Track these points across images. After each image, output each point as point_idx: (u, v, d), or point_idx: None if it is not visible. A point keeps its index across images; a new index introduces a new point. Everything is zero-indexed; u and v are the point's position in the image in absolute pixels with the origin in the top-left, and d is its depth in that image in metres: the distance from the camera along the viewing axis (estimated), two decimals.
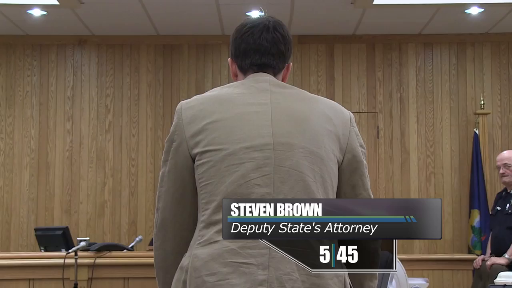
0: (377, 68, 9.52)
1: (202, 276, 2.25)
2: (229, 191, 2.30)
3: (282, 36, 2.56)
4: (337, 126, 2.48)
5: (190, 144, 2.38)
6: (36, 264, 6.54)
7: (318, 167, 2.37)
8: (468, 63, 9.49)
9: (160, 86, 9.61)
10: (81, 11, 8.57)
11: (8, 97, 9.54)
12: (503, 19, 8.74)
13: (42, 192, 9.46)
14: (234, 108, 2.42)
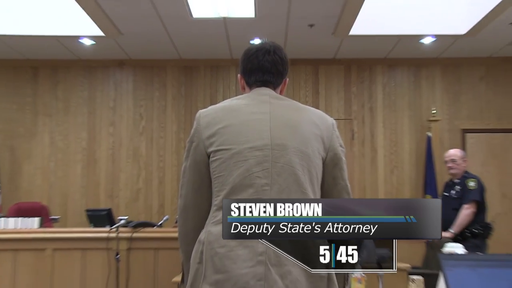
0: (352, 84, 9.67)
1: (215, 248, 2.37)
2: (236, 182, 2.43)
3: (280, 58, 2.70)
4: (322, 130, 2.58)
5: (206, 144, 2.52)
6: (87, 237, 6.69)
7: (306, 163, 2.48)
8: (422, 80, 9.65)
9: (182, 98, 9.74)
10: (121, 40, 8.72)
11: (65, 108, 9.69)
12: (449, 47, 8.90)
13: (90, 182, 9.63)
14: (241, 116, 2.55)
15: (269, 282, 2.32)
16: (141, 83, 9.87)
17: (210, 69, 9.83)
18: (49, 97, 9.86)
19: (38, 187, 9.73)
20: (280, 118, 2.56)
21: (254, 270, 2.33)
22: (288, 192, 2.44)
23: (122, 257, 6.51)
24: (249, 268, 2.33)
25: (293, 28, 8.34)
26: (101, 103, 9.83)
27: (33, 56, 9.68)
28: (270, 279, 2.32)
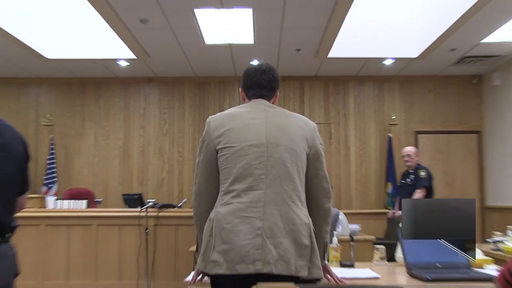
0: (330, 96, 9.65)
1: (222, 224, 2.38)
2: (239, 172, 2.44)
3: (274, 77, 2.73)
4: (306, 132, 2.60)
5: (215, 143, 2.53)
6: (123, 216, 6.76)
7: (294, 157, 2.50)
8: (384, 93, 9.64)
9: (196, 107, 9.70)
10: (149, 61, 8.73)
11: (105, 114, 9.71)
12: (405, 67, 8.92)
13: (125, 172, 9.63)
14: (242, 121, 2.56)
15: (265, 251, 2.33)
16: (165, 95, 9.83)
17: (218, 84, 9.80)
18: (94, 107, 9.84)
19: (85, 176, 9.71)
20: (273, 122, 2.58)
21: (253, 241, 2.34)
22: (279, 180, 2.46)
23: (150, 231, 6.55)
24: (249, 240, 2.34)
25: (284, 52, 8.33)
26: (133, 111, 9.82)
27: (82, 75, 9.66)
28: (266, 248, 2.33)
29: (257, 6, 6.53)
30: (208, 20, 6.98)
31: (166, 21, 6.97)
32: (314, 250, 2.47)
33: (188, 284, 2.77)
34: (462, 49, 7.97)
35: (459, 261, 3.22)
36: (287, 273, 2.34)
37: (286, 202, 2.45)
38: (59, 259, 6.63)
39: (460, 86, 9.59)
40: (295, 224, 2.42)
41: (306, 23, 7.04)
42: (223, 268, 2.35)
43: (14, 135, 2.32)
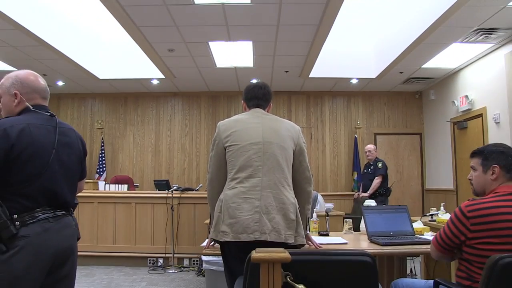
0: (311, 106, 9.61)
1: (229, 203, 2.41)
2: (242, 164, 2.46)
3: (268, 92, 2.75)
4: (293, 133, 2.61)
5: (223, 142, 2.54)
6: (154, 196, 6.71)
7: (284, 152, 2.52)
8: (351, 104, 9.61)
9: (210, 115, 9.66)
10: (175, 80, 8.71)
11: (141, 120, 9.68)
12: (366, 85, 8.90)
13: (157, 164, 9.58)
14: (244, 125, 2.57)
15: (262, 224, 2.35)
16: (186, 106, 9.79)
17: (227, 97, 9.76)
18: (133, 114, 9.80)
19: (126, 166, 9.67)
20: (267, 126, 2.59)
21: (253, 217, 2.36)
22: (272, 170, 2.47)
23: (175, 208, 6.52)
24: (250, 215, 2.37)
25: (276, 73, 8.31)
26: (162, 118, 9.77)
27: (124, 90, 9.64)
28: (262, 222, 2.36)
29: (256, 40, 6.57)
30: (219, 49, 7.00)
31: (187, 51, 6.96)
32: (299, 223, 2.49)
33: (204, 248, 2.78)
34: (408, 72, 7.99)
35: (406, 229, 3.25)
36: (278, 240, 2.37)
37: (278, 187, 2.46)
38: (108, 228, 6.63)
39: (407, 100, 9.58)
40: (284, 204, 2.44)
41: (293, 52, 7.05)
42: (230, 237, 2.37)
43: (76, 136, 2.33)
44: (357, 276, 1.74)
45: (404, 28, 6.44)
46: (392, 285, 2.60)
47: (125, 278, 5.73)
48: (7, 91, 2.17)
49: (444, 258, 2.34)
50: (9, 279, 1.89)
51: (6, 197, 1.95)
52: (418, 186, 9.33)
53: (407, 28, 6.32)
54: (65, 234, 2.13)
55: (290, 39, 6.49)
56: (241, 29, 6.15)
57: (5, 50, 6.84)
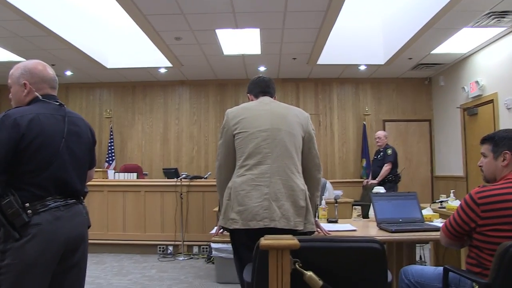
0: (319, 93, 9.56)
1: (238, 191, 2.40)
2: (251, 151, 2.45)
3: (272, 82, 2.76)
4: (301, 120, 2.59)
5: (232, 129, 2.52)
6: (163, 184, 6.73)
7: (292, 139, 2.50)
8: (360, 91, 9.55)
9: (218, 103, 9.65)
10: (182, 69, 8.70)
11: (150, 109, 9.70)
12: (375, 71, 8.83)
13: (165, 152, 9.61)
14: (253, 112, 2.57)
15: (271, 210, 2.35)
16: (194, 94, 9.79)
17: (234, 85, 9.73)
18: (141, 103, 9.82)
19: (135, 155, 9.71)
20: (276, 113, 2.58)
21: (262, 204, 2.36)
22: (281, 157, 2.45)
23: (184, 196, 6.54)
24: (259, 202, 2.36)
25: (283, 60, 8.27)
26: (171, 106, 9.79)
27: (132, 79, 9.64)
28: (271, 209, 2.35)
29: (263, 27, 6.53)
30: (226, 37, 6.97)
31: (194, 39, 6.94)
32: (309, 210, 2.48)
33: (213, 235, 2.79)
34: (417, 58, 7.92)
35: (416, 216, 3.24)
36: (287, 227, 2.36)
37: (287, 173, 2.45)
38: (118, 216, 6.67)
39: (416, 86, 9.51)
40: (294, 190, 2.43)
41: (300, 38, 7.00)
42: (239, 224, 2.37)
43: (85, 125, 2.35)
44: (366, 263, 1.74)
45: (413, 13, 6.37)
46: (402, 272, 2.61)
47: (135, 266, 5.79)
48: (16, 81, 2.19)
49: (453, 245, 2.34)
50: (23, 265, 1.92)
51: (18, 186, 1.98)
52: (427, 173, 9.29)
53: (416, 13, 6.25)
54: (76, 222, 2.16)
55: (297, 26, 6.44)
56: (248, 16, 6.11)
57: (13, 40, 6.86)
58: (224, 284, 4.89)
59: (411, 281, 2.50)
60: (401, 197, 3.43)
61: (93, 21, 7.36)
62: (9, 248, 1.93)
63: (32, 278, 1.94)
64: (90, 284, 4.83)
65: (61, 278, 2.10)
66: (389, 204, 3.30)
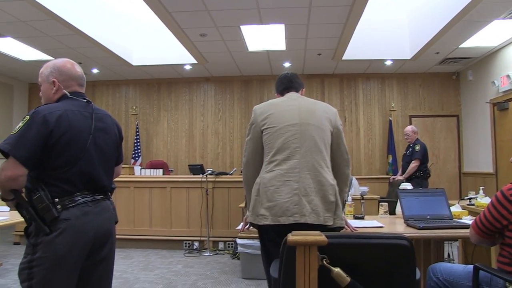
0: (344, 89, 9.49)
1: (267, 186, 2.39)
2: (279, 146, 2.44)
3: (298, 77, 2.76)
4: (329, 115, 2.58)
5: (260, 125, 2.52)
6: (189, 181, 6.77)
7: (321, 134, 2.48)
8: (385, 86, 9.44)
9: (243, 99, 9.67)
10: (207, 65, 8.74)
11: (175, 106, 9.77)
12: (401, 66, 8.72)
13: (191, 148, 9.67)
14: (280, 107, 2.55)
15: (301, 206, 2.33)
16: (219, 90, 9.82)
17: (259, 81, 9.73)
18: (166, 100, 9.90)
19: (161, 151, 9.80)
20: (304, 108, 2.56)
21: (292, 199, 2.34)
22: (310, 152, 2.44)
23: (210, 192, 6.57)
24: (289, 198, 2.35)
25: (308, 56, 8.24)
26: (196, 102, 9.84)
27: (157, 76, 9.73)
28: (302, 204, 2.34)
29: (288, 23, 6.50)
30: (251, 33, 6.96)
31: (219, 35, 6.96)
32: (338, 205, 2.46)
33: (239, 231, 2.80)
34: (444, 53, 7.78)
35: (444, 213, 3.20)
36: (317, 222, 2.35)
37: (316, 168, 2.43)
38: (144, 212, 6.75)
39: (443, 81, 9.35)
40: (323, 185, 2.41)
41: (325, 34, 6.95)
42: (269, 220, 2.36)
43: (111, 122, 2.37)
44: (394, 259, 1.72)
45: (441, 6, 6.24)
46: (430, 270, 2.57)
47: (161, 261, 5.86)
48: (46, 79, 2.23)
49: (484, 243, 2.29)
50: (53, 259, 1.96)
51: (47, 182, 2.02)
52: (455, 170, 9.14)
53: (444, 5, 6.12)
54: (104, 218, 2.19)
55: (322, 21, 6.40)
56: (272, 12, 6.09)
57: (42, 40, 7.00)
58: (250, 280, 4.90)
59: (440, 279, 2.46)
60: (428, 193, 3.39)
61: (118, 19, 7.45)
62: (40, 242, 1.97)
63: (62, 271, 1.98)
64: (118, 279, 4.91)
65: (89, 273, 2.14)
66: (417, 200, 3.26)
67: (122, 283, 4.78)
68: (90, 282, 2.15)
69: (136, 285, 4.72)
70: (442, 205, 3.24)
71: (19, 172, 1.94)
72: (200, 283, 4.82)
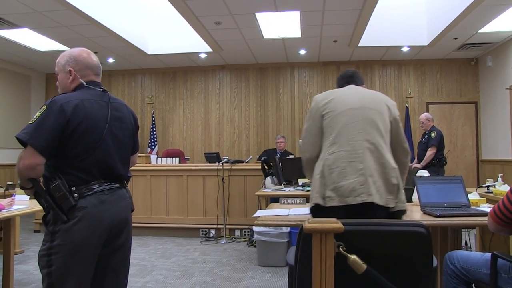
0: None
1: (332, 168, 2.40)
2: (340, 129, 2.45)
3: (356, 73, 2.79)
4: (388, 103, 2.59)
5: (321, 110, 2.53)
6: (205, 169, 6.80)
7: (382, 119, 2.49)
8: (402, 73, 9.34)
9: (258, 87, 9.65)
10: (222, 53, 8.76)
11: (190, 94, 9.81)
12: (418, 53, 8.61)
13: (207, 137, 9.73)
14: (341, 93, 2.63)
15: (367, 185, 2.34)
16: (234, 78, 9.82)
17: (274, 69, 9.70)
18: (182, 88, 9.95)
19: (177, 140, 9.87)
20: (364, 94, 2.60)
21: (358, 179, 2.35)
22: (372, 135, 2.45)
23: (226, 180, 6.59)
24: (354, 178, 2.36)
25: (324, 43, 8.18)
26: (211, 91, 9.87)
27: (173, 65, 9.76)
28: (367, 184, 2.35)
29: (303, 10, 6.46)
30: (266, 20, 6.92)
31: (234, 23, 6.94)
32: (400, 188, 2.45)
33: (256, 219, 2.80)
34: (463, 38, 7.66)
35: (461, 201, 3.15)
36: (382, 203, 2.35)
37: (379, 151, 2.44)
38: (161, 200, 6.81)
39: (461, 67, 9.22)
40: (386, 168, 2.41)
41: (341, 21, 6.90)
42: (336, 201, 2.36)
43: (127, 111, 2.38)
44: (411, 247, 1.71)
45: None
46: (447, 258, 2.55)
47: (178, 249, 5.91)
48: (62, 68, 2.24)
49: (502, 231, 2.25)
50: (71, 246, 1.99)
51: (64, 171, 2.04)
52: (473, 157, 9.04)
53: None
54: (120, 206, 2.21)
55: (338, 8, 6.34)
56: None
57: (58, 30, 7.05)
58: (266, 267, 4.92)
59: (457, 266, 2.44)
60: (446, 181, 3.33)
61: (133, 8, 7.47)
62: (58, 230, 2.00)
63: (80, 258, 2.01)
64: (135, 266, 4.97)
65: (107, 260, 2.16)
66: (434, 188, 3.21)
67: (139, 270, 4.84)
68: (107, 269, 2.17)
69: (154, 272, 4.78)
70: (459, 193, 3.19)
71: (37, 161, 1.96)
72: (216, 270, 4.86)
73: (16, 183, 5.27)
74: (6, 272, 3.90)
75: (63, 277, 1.98)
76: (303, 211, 3.04)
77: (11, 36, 7.42)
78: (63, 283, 1.98)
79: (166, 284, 4.37)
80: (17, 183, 2.07)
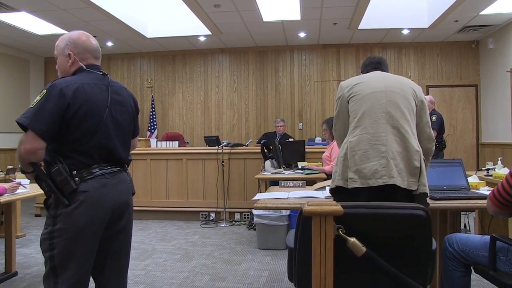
0: (360, 59, 9.24)
1: (355, 150, 2.43)
2: (365, 112, 2.47)
3: (382, 60, 2.79)
4: (414, 87, 2.60)
5: (346, 96, 2.55)
6: (205, 152, 6.77)
7: (406, 102, 2.49)
8: (402, 56, 9.29)
9: (257, 70, 9.61)
10: (222, 36, 8.70)
11: (190, 78, 9.77)
12: (418, 35, 8.57)
13: (206, 120, 9.72)
14: (366, 78, 2.63)
15: (389, 168, 2.36)
16: (234, 61, 9.78)
17: (274, 52, 9.65)
18: (181, 72, 9.91)
19: (176, 123, 9.86)
20: (389, 78, 2.60)
21: (380, 162, 2.38)
22: (396, 117, 2.46)
23: (226, 163, 6.59)
24: (377, 161, 2.39)
25: (324, 26, 8.11)
26: (211, 74, 9.83)
27: (172, 48, 9.71)
28: (390, 166, 2.37)
29: None
30: (265, 3, 6.86)
31: (233, 5, 6.89)
32: (422, 172, 2.45)
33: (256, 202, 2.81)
34: (464, 20, 7.60)
35: (461, 184, 3.17)
36: (403, 186, 2.37)
37: (402, 134, 2.45)
38: (161, 183, 6.82)
39: (462, 50, 9.17)
40: (408, 151, 2.43)
41: (341, 3, 6.84)
42: (358, 183, 2.39)
43: (127, 94, 2.37)
44: (411, 230, 1.72)
45: None
46: (446, 240, 2.56)
47: (178, 232, 5.94)
48: (61, 52, 2.22)
49: (502, 214, 2.27)
50: (73, 230, 2.00)
51: (65, 155, 2.04)
52: (473, 140, 9.04)
53: None
54: (121, 189, 2.22)
55: None
56: None
57: (56, 13, 6.99)
58: (266, 250, 4.95)
59: (456, 249, 2.46)
60: (445, 164, 3.35)
61: None
62: (60, 214, 2.01)
63: (82, 242, 2.03)
64: (136, 249, 5.01)
65: (108, 243, 2.18)
66: (433, 171, 3.22)
67: (140, 253, 4.88)
68: (109, 252, 2.19)
69: (154, 255, 4.81)
70: (459, 176, 3.21)
71: (37, 145, 1.96)
72: (216, 253, 4.89)
73: (16, 168, 5.28)
74: (8, 255, 3.93)
75: (65, 260, 2.00)
76: (302, 194, 3.04)
77: (8, 20, 7.36)
78: (66, 266, 2.00)
79: (166, 267, 4.40)
80: (18, 167, 2.07)
